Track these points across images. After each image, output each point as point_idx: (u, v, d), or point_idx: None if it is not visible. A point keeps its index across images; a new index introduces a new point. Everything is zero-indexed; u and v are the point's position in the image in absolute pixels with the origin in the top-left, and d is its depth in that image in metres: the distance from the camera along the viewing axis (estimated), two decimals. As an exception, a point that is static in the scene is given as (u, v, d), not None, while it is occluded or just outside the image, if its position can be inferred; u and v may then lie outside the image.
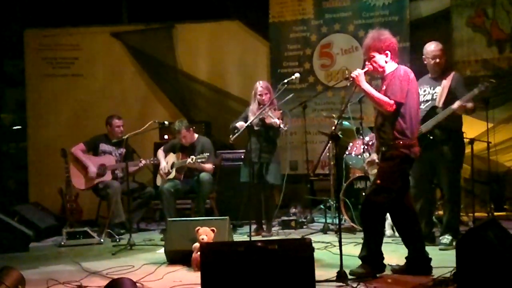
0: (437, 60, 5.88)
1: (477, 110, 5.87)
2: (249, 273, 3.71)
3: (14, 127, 10.68)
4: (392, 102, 4.60)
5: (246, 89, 8.02)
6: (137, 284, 4.41)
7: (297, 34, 9.21)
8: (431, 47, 5.93)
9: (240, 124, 6.87)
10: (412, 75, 4.76)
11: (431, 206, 6.12)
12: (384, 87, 4.75)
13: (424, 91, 5.88)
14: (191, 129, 7.42)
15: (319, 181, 8.71)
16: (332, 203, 7.46)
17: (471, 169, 6.69)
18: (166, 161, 7.42)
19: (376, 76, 5.88)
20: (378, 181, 4.72)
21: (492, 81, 5.54)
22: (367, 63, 4.87)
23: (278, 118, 6.71)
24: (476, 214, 6.71)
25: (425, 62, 5.99)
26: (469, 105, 5.64)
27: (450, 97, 5.70)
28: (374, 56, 4.79)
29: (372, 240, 4.78)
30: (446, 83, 5.76)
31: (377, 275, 4.70)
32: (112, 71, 9.69)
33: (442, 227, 6.04)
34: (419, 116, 4.94)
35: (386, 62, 4.77)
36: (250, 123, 6.46)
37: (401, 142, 4.63)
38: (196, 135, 7.49)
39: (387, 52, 4.76)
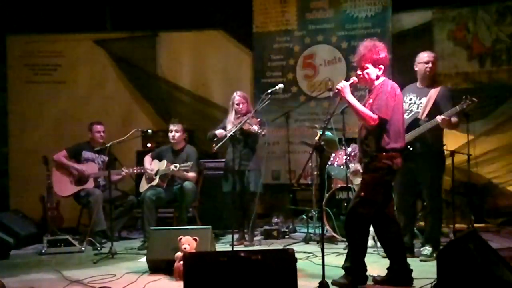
0: (430, 66, 5.90)
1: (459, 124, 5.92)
2: (232, 283, 3.72)
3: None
4: (375, 117, 4.64)
5: (229, 98, 8.01)
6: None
7: (281, 45, 9.26)
8: (426, 53, 5.99)
9: (219, 132, 6.95)
10: (398, 90, 4.80)
11: (413, 217, 6.17)
12: (370, 100, 4.78)
13: (410, 99, 5.91)
14: (185, 133, 7.44)
15: (302, 191, 8.73)
16: (314, 213, 7.49)
17: (451, 181, 6.74)
18: (151, 168, 7.40)
19: (360, 87, 5.91)
20: (362, 193, 4.75)
21: (475, 100, 5.56)
22: (357, 74, 4.87)
23: (256, 124, 6.75)
24: (457, 225, 6.77)
25: (416, 69, 6.00)
26: (454, 119, 5.69)
27: (434, 109, 5.73)
28: (367, 68, 4.78)
29: (356, 251, 4.82)
30: (432, 94, 5.79)
31: (359, 286, 4.73)
32: (95, 78, 9.67)
33: (423, 238, 6.10)
34: (404, 130, 4.97)
35: (377, 76, 4.79)
36: (233, 133, 6.47)
37: (383, 154, 4.67)
38: (184, 143, 7.50)
39: (381, 66, 4.78)
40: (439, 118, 5.59)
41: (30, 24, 9.45)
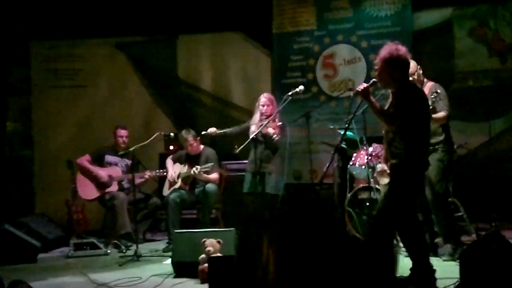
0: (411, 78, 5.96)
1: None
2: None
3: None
4: (396, 120, 4.68)
5: (249, 99, 8.09)
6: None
7: (300, 45, 9.26)
8: None
9: (212, 130, 7.30)
10: (421, 93, 4.82)
11: (430, 217, 6.15)
12: (392, 102, 4.83)
13: None
14: (197, 138, 7.51)
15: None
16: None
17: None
18: (173, 171, 7.49)
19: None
20: (390, 195, 4.78)
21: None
22: (377, 75, 4.88)
23: (274, 128, 6.79)
24: (480, 225, 6.76)
25: None
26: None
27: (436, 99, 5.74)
28: (387, 70, 4.78)
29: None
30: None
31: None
32: (115, 82, 9.79)
33: (441, 237, 6.08)
34: (429, 131, 4.99)
35: (398, 78, 4.78)
36: (255, 135, 6.53)
37: (412, 157, 4.70)
38: (201, 146, 7.57)
39: (401, 68, 4.77)
40: None
41: (53, 30, 9.56)
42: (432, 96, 5.69)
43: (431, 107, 5.57)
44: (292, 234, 4.03)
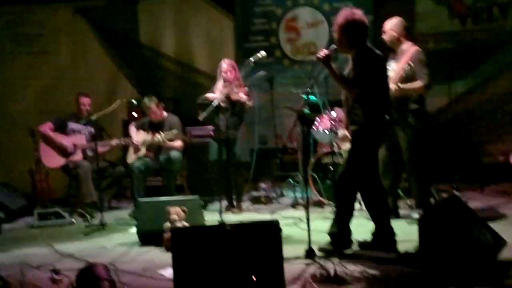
0: (383, 36, 6.01)
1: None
2: (219, 255, 3.80)
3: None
4: (356, 87, 4.72)
5: (213, 64, 8.01)
6: (110, 266, 4.48)
7: (263, 8, 9.24)
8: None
9: (211, 95, 7.00)
10: (379, 57, 4.84)
11: (397, 180, 6.24)
12: (351, 68, 4.85)
13: (389, 66, 5.94)
14: (160, 105, 7.46)
15: (289, 154, 8.80)
16: (300, 177, 7.59)
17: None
18: (137, 138, 7.45)
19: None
20: (351, 160, 4.85)
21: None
22: (337, 41, 4.87)
23: (244, 94, 6.79)
24: (441, 186, 6.89)
25: None
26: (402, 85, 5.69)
27: (410, 72, 5.72)
28: (344, 35, 4.78)
29: (342, 217, 4.91)
30: (404, 59, 5.79)
31: (345, 251, 4.84)
32: (77, 47, 9.64)
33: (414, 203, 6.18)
34: (389, 96, 5.04)
35: (356, 42, 4.79)
36: (218, 102, 6.53)
37: (371, 122, 4.75)
38: (165, 113, 7.53)
39: (359, 33, 4.77)
40: (392, 86, 5.60)
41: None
42: (406, 68, 5.68)
43: (409, 72, 5.62)
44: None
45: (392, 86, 5.58)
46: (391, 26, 5.94)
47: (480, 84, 8.26)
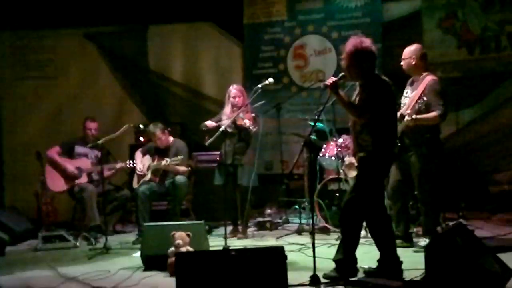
0: (401, 63, 5.98)
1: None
2: (224, 280, 3.79)
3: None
4: (364, 114, 4.71)
5: (221, 90, 8.07)
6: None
7: (271, 36, 9.30)
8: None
9: (209, 123, 7.03)
10: (387, 85, 4.82)
11: (406, 206, 6.21)
12: (359, 95, 4.85)
13: (406, 93, 5.96)
14: (166, 131, 7.47)
15: (294, 180, 8.78)
16: (306, 204, 7.56)
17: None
18: (142, 163, 7.46)
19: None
20: (358, 187, 4.82)
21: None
22: (345, 69, 4.88)
23: (249, 120, 6.80)
24: (448, 215, 6.85)
25: None
26: (417, 117, 5.61)
27: (423, 105, 5.66)
28: (353, 63, 4.79)
29: (348, 244, 4.86)
30: (420, 89, 5.76)
31: (350, 278, 4.80)
32: (86, 73, 9.71)
33: (422, 230, 6.14)
34: (396, 125, 5.03)
35: (364, 70, 4.79)
36: (225, 127, 6.54)
37: (379, 150, 4.74)
38: (171, 138, 7.54)
39: (367, 61, 4.78)
40: (407, 118, 5.59)
41: (20, 20, 9.43)
42: (420, 101, 5.63)
43: (422, 106, 5.60)
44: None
45: (407, 117, 5.58)
46: (410, 53, 5.93)
47: (487, 113, 8.25)
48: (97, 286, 5.01)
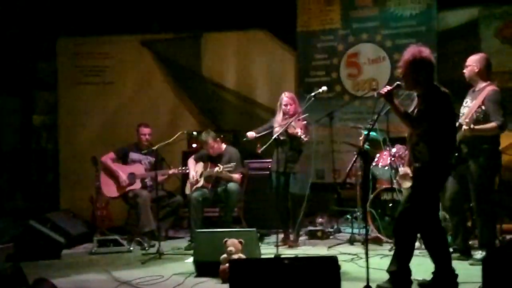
0: (464, 71, 5.90)
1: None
2: (277, 288, 3.79)
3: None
4: (421, 125, 4.66)
5: (274, 97, 8.07)
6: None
7: (324, 44, 9.26)
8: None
9: (250, 134, 7.17)
10: (446, 95, 4.75)
11: (464, 219, 6.11)
12: (417, 105, 4.80)
13: (466, 102, 5.88)
14: (218, 139, 7.53)
15: (346, 189, 8.71)
16: (358, 213, 7.51)
17: (498, 180, 6.64)
18: (195, 170, 7.53)
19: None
20: (413, 198, 4.77)
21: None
22: (401, 78, 4.86)
23: (301, 129, 6.79)
24: (505, 226, 6.70)
25: None
26: (475, 127, 5.50)
27: (481, 114, 5.58)
28: (411, 73, 4.75)
29: (402, 255, 4.81)
30: (480, 98, 5.67)
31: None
32: (141, 79, 9.84)
33: (478, 243, 6.03)
34: (455, 136, 4.97)
35: (422, 80, 4.75)
36: (278, 135, 6.55)
37: (435, 160, 4.68)
38: (223, 145, 7.60)
39: (424, 70, 4.73)
40: (464, 127, 5.48)
41: (80, 27, 9.68)
42: (479, 111, 5.57)
43: (480, 115, 5.53)
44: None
45: (464, 127, 5.49)
46: (474, 61, 5.85)
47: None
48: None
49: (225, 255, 5.36)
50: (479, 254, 5.76)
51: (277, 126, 7.04)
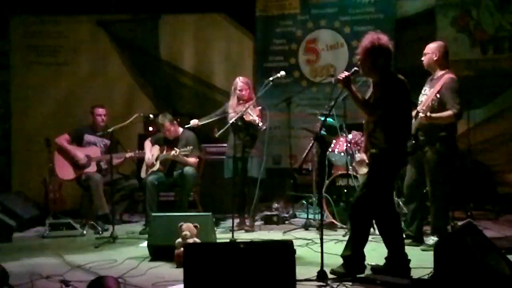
0: (422, 58, 5.94)
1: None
2: (231, 273, 3.78)
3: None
4: (378, 111, 4.69)
5: (231, 82, 8.03)
6: (120, 280, 4.46)
7: (283, 29, 9.26)
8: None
9: (194, 121, 7.25)
10: (402, 83, 4.78)
11: (421, 207, 6.16)
12: (374, 92, 4.83)
13: (424, 90, 5.90)
14: (175, 122, 7.46)
15: (302, 175, 8.75)
16: (314, 199, 7.54)
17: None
18: (151, 153, 7.45)
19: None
20: (369, 184, 4.82)
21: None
22: (359, 65, 4.85)
23: (258, 116, 6.77)
24: (456, 213, 6.82)
25: None
26: (431, 115, 5.54)
27: (436, 102, 5.64)
28: (369, 59, 4.76)
29: (357, 241, 4.85)
30: (437, 86, 5.69)
31: (357, 275, 4.78)
32: (97, 60, 9.66)
33: (431, 228, 6.11)
34: (411, 122, 5.02)
35: (379, 67, 4.77)
36: (234, 120, 6.52)
37: (391, 147, 4.71)
38: (180, 129, 7.53)
39: (382, 57, 4.75)
40: (421, 115, 5.52)
41: (33, 5, 9.42)
42: (435, 97, 5.62)
43: (435, 103, 5.58)
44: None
45: (421, 114, 5.53)
46: (432, 49, 5.87)
47: (499, 113, 8.21)
48: (103, 275, 4.99)
49: (180, 239, 5.32)
50: (431, 240, 5.84)
51: (231, 111, 7.00)
